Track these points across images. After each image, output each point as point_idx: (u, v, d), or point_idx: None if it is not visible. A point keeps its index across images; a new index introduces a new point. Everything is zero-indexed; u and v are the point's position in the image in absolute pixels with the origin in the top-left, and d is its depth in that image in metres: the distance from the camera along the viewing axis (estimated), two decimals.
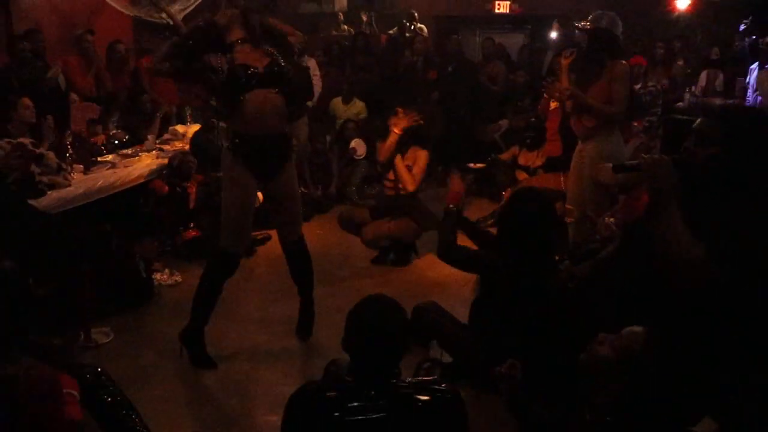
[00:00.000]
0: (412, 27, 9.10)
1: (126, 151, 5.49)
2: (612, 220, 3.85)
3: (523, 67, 8.16)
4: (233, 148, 3.50)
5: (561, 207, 5.17)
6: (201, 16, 5.77)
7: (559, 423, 2.78)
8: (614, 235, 3.16)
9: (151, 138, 5.90)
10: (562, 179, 5.31)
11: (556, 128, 5.70)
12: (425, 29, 9.27)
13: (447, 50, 8.36)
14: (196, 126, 6.34)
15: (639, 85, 6.88)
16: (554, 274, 2.95)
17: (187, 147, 5.81)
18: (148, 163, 5.30)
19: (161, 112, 6.47)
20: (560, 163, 5.46)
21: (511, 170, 6.54)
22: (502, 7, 10.14)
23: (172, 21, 7.46)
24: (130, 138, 5.81)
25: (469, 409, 2.13)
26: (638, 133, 5.55)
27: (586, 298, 2.58)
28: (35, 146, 4.27)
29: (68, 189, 4.31)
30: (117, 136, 5.67)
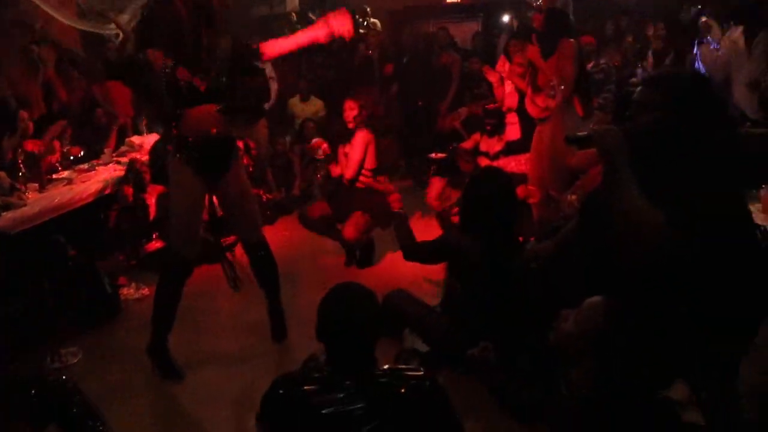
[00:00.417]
0: (365, 23, 9.09)
1: (82, 166, 5.40)
2: (574, 197, 3.90)
3: (478, 53, 8.19)
4: (176, 151, 3.41)
5: (523, 189, 5.22)
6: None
7: (537, 401, 2.81)
8: (576, 213, 3.19)
9: (108, 151, 5.81)
10: (523, 161, 5.34)
11: (513, 111, 5.72)
12: (378, 24, 9.26)
13: (401, 43, 8.36)
14: (153, 136, 6.25)
15: (591, 64, 6.94)
16: (518, 253, 2.98)
17: (144, 158, 5.73)
18: (105, 177, 5.22)
19: (116, 125, 6.37)
20: (519, 146, 5.49)
21: (473, 158, 6.57)
22: None
23: (121, 32, 7.37)
24: (85, 153, 5.71)
25: (449, 393, 2.12)
26: (594, 110, 5.59)
27: (549, 277, 2.60)
28: None
29: (23, 209, 4.23)
30: (72, 152, 5.57)
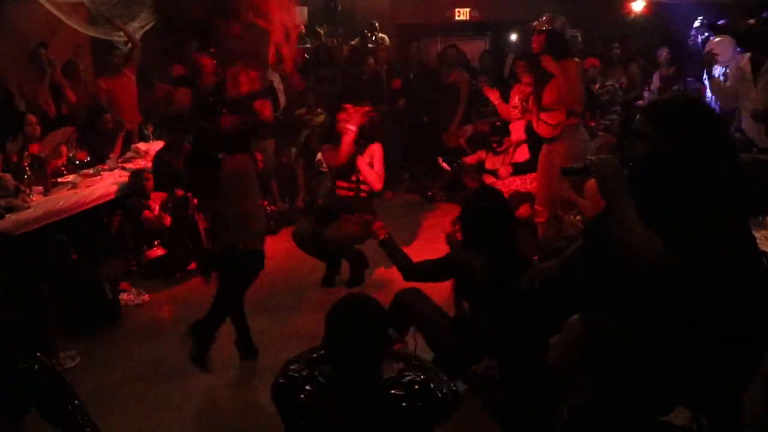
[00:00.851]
0: (374, 37, 9.13)
1: (87, 171, 5.41)
2: (578, 218, 3.90)
3: (485, 72, 8.22)
4: None
5: (527, 210, 5.23)
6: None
7: (538, 423, 2.79)
8: (581, 232, 3.18)
9: (113, 157, 5.82)
10: (529, 181, 5.35)
11: (521, 133, 5.75)
12: (387, 39, 9.31)
13: (408, 58, 8.40)
14: (159, 143, 6.27)
15: (597, 85, 6.98)
16: (524, 270, 2.97)
17: (149, 165, 5.74)
18: (109, 183, 5.23)
19: (123, 131, 6.38)
20: (527, 166, 5.50)
21: (478, 174, 6.58)
22: (463, 14, 10.22)
23: (129, 40, 7.41)
24: (91, 158, 5.73)
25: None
26: (599, 132, 5.62)
27: (552, 297, 2.59)
28: None
29: (27, 211, 4.24)
30: (78, 157, 5.59)
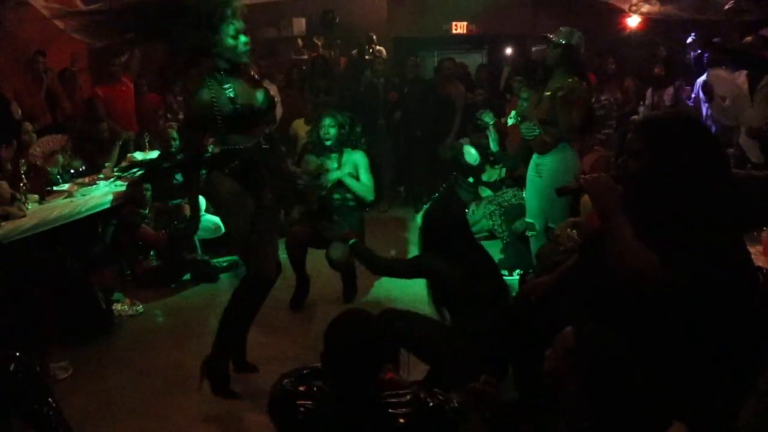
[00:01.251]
0: (371, 50, 9.16)
1: (83, 179, 5.40)
2: (575, 231, 3.90)
3: (482, 85, 8.26)
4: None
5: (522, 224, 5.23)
6: None
7: None
8: (577, 246, 3.19)
9: (109, 166, 5.81)
10: (524, 194, 5.36)
11: (516, 145, 5.76)
12: (384, 51, 9.34)
13: (405, 72, 8.42)
14: (155, 153, 6.25)
15: (593, 100, 7.01)
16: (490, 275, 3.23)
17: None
18: (105, 192, 5.21)
19: (120, 140, 6.37)
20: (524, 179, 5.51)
21: (474, 187, 6.61)
22: (460, 27, 10.27)
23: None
24: (87, 166, 5.72)
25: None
26: (593, 146, 5.63)
27: (546, 311, 2.59)
28: None
29: (23, 219, 4.22)
30: (74, 166, 5.57)
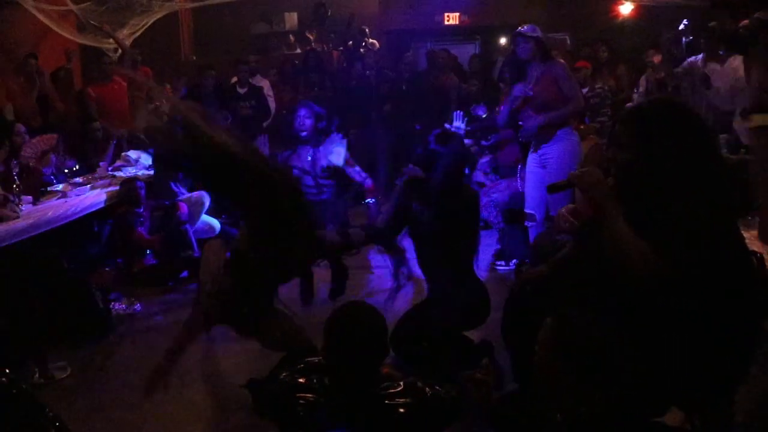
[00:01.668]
0: (364, 43, 9.14)
1: (77, 179, 5.39)
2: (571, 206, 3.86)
3: (476, 76, 8.25)
4: None
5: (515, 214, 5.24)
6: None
7: (531, 426, 2.77)
8: (573, 227, 3.14)
9: (103, 165, 5.80)
10: (519, 184, 5.35)
11: (509, 135, 5.76)
12: (377, 44, 9.32)
13: (400, 68, 8.40)
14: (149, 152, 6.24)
15: (586, 89, 7.01)
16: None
17: (140, 172, 5.72)
18: (99, 191, 5.20)
19: (113, 139, 6.35)
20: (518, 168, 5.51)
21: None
22: (452, 18, 10.27)
23: (119, 47, 7.40)
24: (81, 166, 5.70)
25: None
26: (589, 134, 5.63)
27: (543, 301, 2.59)
28: None
29: (16, 221, 4.21)
30: (67, 165, 5.56)
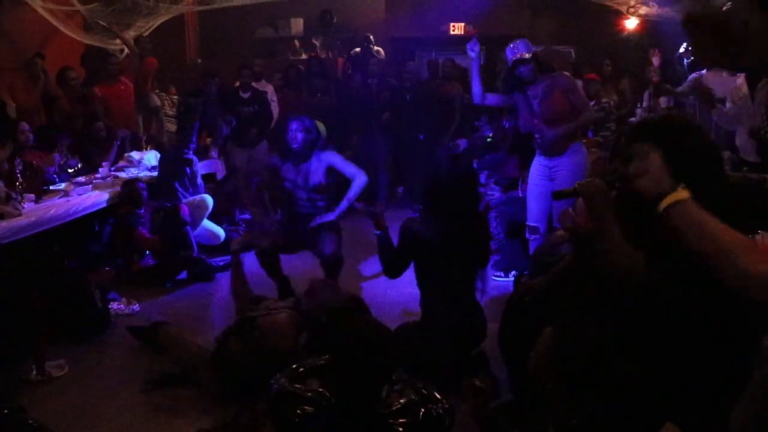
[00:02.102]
0: (369, 50, 9.17)
1: (80, 179, 5.40)
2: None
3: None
4: None
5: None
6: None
7: None
8: (576, 226, 3.14)
9: (106, 165, 5.81)
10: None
11: (503, 158, 5.81)
12: (382, 51, 9.35)
13: (404, 78, 8.40)
14: (152, 152, 6.27)
15: (593, 102, 7.04)
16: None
17: (142, 173, 5.74)
18: (101, 191, 5.21)
19: (116, 139, 6.37)
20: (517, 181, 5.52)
21: None
22: (457, 28, 10.29)
23: (126, 47, 7.43)
24: (84, 166, 5.72)
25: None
26: (591, 148, 5.65)
27: (541, 312, 2.60)
28: None
29: (19, 218, 4.22)
30: (70, 165, 5.57)
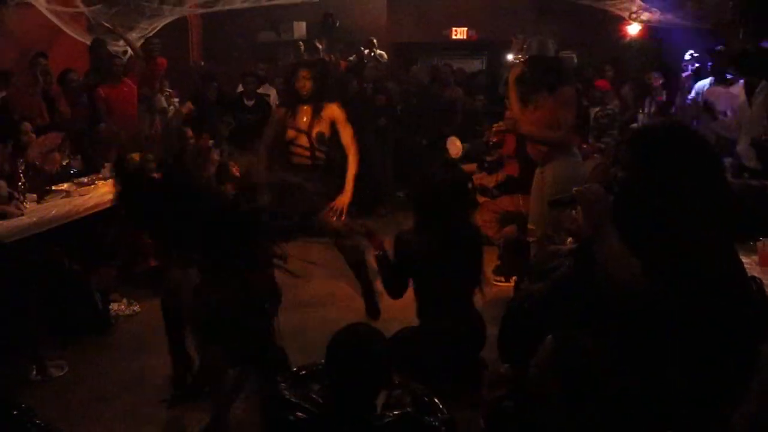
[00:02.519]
0: (372, 54, 9.19)
1: (82, 179, 5.40)
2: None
3: (481, 91, 8.28)
4: None
5: (513, 230, 5.26)
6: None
7: None
8: (579, 230, 3.14)
9: (108, 166, 5.80)
10: (521, 201, 5.38)
11: (511, 150, 5.79)
12: (385, 55, 9.37)
13: (407, 83, 8.40)
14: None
15: (598, 108, 7.06)
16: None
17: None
18: (104, 192, 5.21)
19: (119, 140, 6.37)
20: (518, 185, 5.54)
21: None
22: (459, 33, 10.32)
23: (130, 48, 7.44)
24: (86, 166, 5.72)
25: None
26: (592, 154, 5.66)
27: (541, 318, 2.60)
28: None
29: (20, 218, 4.22)
30: (72, 165, 5.57)
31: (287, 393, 2.09)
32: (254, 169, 4.73)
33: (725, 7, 6.32)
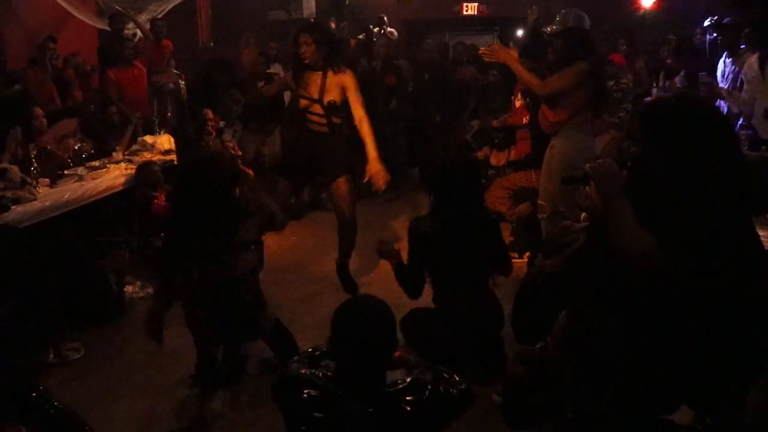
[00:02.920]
0: (382, 31, 9.11)
1: (94, 163, 5.42)
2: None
3: (495, 67, 8.17)
4: None
5: (527, 207, 5.23)
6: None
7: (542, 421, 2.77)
8: (593, 206, 3.11)
9: (120, 149, 5.82)
10: (534, 177, 5.33)
11: (524, 128, 5.71)
12: (395, 33, 9.29)
13: (419, 58, 8.31)
14: (165, 136, 6.27)
15: (612, 83, 6.95)
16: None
17: (155, 158, 5.74)
18: (116, 175, 5.23)
19: (132, 125, 6.38)
20: (531, 161, 5.48)
21: (483, 170, 6.56)
22: (470, 8, 10.22)
23: (140, 30, 7.44)
24: (97, 150, 5.73)
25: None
26: (608, 129, 5.57)
27: (554, 294, 2.59)
28: None
29: (33, 203, 4.25)
30: (84, 149, 5.58)
31: (300, 370, 2.08)
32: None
33: None
